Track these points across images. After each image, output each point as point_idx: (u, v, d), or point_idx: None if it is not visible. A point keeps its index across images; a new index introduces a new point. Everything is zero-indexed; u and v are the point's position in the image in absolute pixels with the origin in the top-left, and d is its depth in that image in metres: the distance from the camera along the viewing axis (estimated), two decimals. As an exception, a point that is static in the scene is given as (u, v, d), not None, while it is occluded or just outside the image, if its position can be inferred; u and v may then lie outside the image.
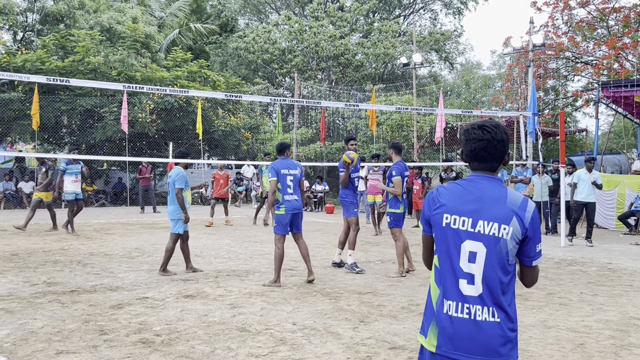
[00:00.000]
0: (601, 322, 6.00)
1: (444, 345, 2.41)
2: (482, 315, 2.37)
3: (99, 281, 7.79)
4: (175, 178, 8.32)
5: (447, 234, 2.48)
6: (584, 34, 24.74)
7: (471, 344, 2.37)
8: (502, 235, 2.39)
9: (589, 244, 12.28)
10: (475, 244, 2.41)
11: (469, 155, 2.56)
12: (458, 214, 2.46)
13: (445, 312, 2.43)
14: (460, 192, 2.52)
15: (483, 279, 2.39)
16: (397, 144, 9.22)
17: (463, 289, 2.41)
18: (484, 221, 2.41)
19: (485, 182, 2.51)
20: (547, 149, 25.58)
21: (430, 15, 42.46)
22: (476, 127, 2.54)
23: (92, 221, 16.17)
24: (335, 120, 30.24)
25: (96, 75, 21.61)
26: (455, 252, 2.44)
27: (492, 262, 2.39)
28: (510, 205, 2.43)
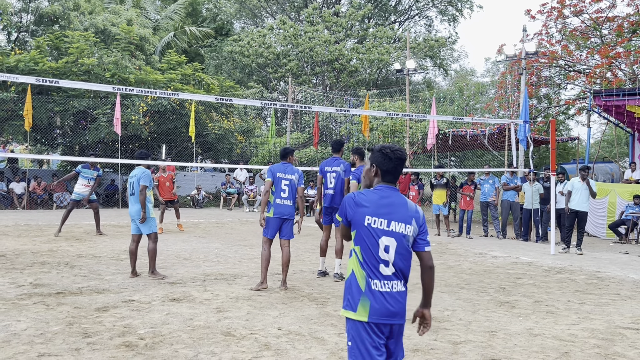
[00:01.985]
0: (587, 330, 6.01)
1: (374, 314, 3.10)
2: (397, 287, 3.18)
3: (85, 283, 7.75)
4: (140, 176, 8.23)
5: (368, 231, 3.17)
6: (578, 42, 24.84)
7: (394, 310, 3.14)
8: (407, 232, 3.20)
9: (579, 252, 12.31)
10: (389, 239, 3.17)
11: (388, 171, 3.28)
12: (377, 216, 3.17)
13: (373, 289, 3.14)
14: (377, 199, 3.21)
15: (394, 263, 3.18)
16: (359, 148, 9.00)
17: (383, 270, 3.16)
18: (395, 222, 3.18)
19: (392, 192, 3.25)
20: (539, 156, 25.65)
21: (425, 21, 42.63)
22: (396, 149, 3.29)
23: (82, 223, 16.09)
24: (329, 125, 30.26)
25: (90, 76, 21.56)
26: (375, 245, 3.16)
27: (400, 251, 3.19)
28: (410, 210, 3.24)
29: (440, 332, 5.79)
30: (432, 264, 3.33)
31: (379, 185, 3.28)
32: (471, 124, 21.06)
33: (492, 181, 15.65)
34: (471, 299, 7.38)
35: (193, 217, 18.80)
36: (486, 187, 15.62)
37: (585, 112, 22.61)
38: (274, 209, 7.62)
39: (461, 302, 7.22)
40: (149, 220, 8.23)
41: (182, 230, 14.80)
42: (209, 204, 25.86)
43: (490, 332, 5.84)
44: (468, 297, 7.53)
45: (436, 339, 5.52)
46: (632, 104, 16.84)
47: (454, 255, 11.80)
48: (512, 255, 11.94)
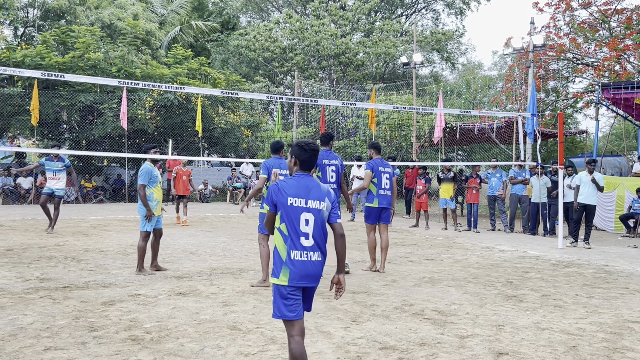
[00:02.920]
0: (595, 324, 5.96)
1: (293, 278, 3.80)
2: (314, 257, 3.86)
3: (92, 277, 7.76)
4: (139, 174, 8.19)
5: (291, 210, 3.85)
6: (586, 35, 24.66)
7: (308, 275, 3.84)
8: (321, 208, 3.90)
9: (587, 246, 12.24)
10: (308, 214, 3.86)
11: (304, 161, 3.99)
12: (297, 197, 3.86)
13: (293, 258, 3.81)
14: (295, 183, 3.92)
15: (313, 235, 3.86)
16: (375, 143, 9.30)
17: (303, 242, 3.83)
18: (311, 200, 3.88)
19: (307, 177, 3.98)
20: (547, 150, 25.52)
21: (432, 15, 42.42)
22: (309, 143, 4.01)
23: (89, 217, 16.14)
24: (335, 119, 30.20)
25: (96, 71, 21.57)
26: (297, 221, 3.84)
27: (318, 225, 3.88)
28: (322, 191, 3.96)
29: (447, 325, 5.76)
30: (342, 232, 4.00)
31: (297, 173, 4.01)
32: (479, 117, 20.96)
33: (500, 175, 15.57)
34: (478, 293, 7.34)
35: (200, 212, 18.83)
36: (493, 180, 15.55)
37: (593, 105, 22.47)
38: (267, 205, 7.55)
39: (468, 295, 7.18)
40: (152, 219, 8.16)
41: (186, 226, 14.79)
42: (215, 199, 25.90)
43: (497, 326, 5.81)
44: (475, 290, 7.49)
45: (443, 333, 5.49)
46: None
47: (461, 249, 11.75)
48: (520, 249, 11.88)
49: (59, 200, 12.97)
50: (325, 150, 8.50)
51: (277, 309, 3.87)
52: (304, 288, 3.90)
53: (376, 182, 8.84)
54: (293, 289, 3.82)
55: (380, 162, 8.98)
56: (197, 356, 4.70)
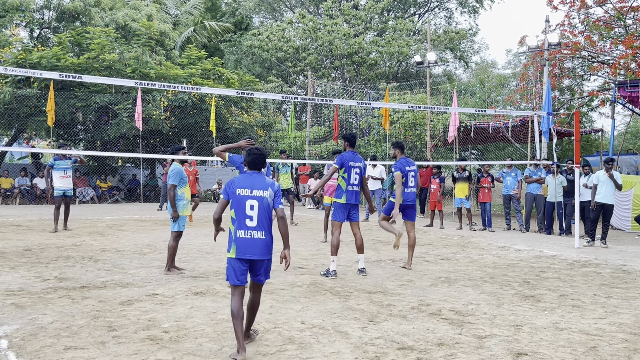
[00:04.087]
0: (614, 324, 5.91)
1: (239, 253, 4.78)
2: (257, 235, 4.80)
3: (109, 277, 7.82)
4: (170, 174, 8.27)
5: (239, 198, 4.84)
6: (601, 33, 24.42)
7: (252, 250, 4.79)
8: (264, 195, 4.86)
9: (604, 245, 12.13)
10: (253, 201, 4.83)
11: (250, 162, 4.99)
12: (243, 188, 4.85)
13: (239, 237, 4.80)
14: (243, 178, 4.92)
15: (257, 218, 4.81)
16: (399, 142, 9.39)
17: (247, 224, 4.80)
18: (255, 190, 4.85)
19: (257, 175, 4.97)
20: (562, 149, 25.32)
21: (446, 13, 42.23)
22: (254, 149, 5.02)
23: (105, 217, 16.25)
24: (348, 118, 30.17)
25: (111, 72, 21.69)
26: (243, 206, 4.82)
27: (261, 209, 4.83)
28: (267, 182, 4.92)
29: (464, 326, 5.74)
30: (283, 215, 4.95)
31: (248, 172, 5.02)
32: (493, 116, 20.85)
33: (515, 174, 15.47)
34: (495, 293, 7.31)
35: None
36: (509, 180, 15.46)
37: (609, 103, 22.26)
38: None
39: (485, 295, 7.15)
40: (179, 219, 8.24)
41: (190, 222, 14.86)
42: (229, 198, 25.95)
43: (515, 326, 5.78)
44: (492, 290, 7.46)
45: (461, 333, 5.48)
46: (657, 95, 16.54)
47: (477, 248, 11.71)
48: (536, 248, 11.81)
49: (70, 199, 13.46)
50: (351, 152, 8.56)
51: (228, 275, 4.87)
52: (251, 261, 4.82)
53: (403, 182, 8.87)
54: (240, 261, 4.79)
55: (406, 162, 8.99)
56: (216, 356, 4.72)
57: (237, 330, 4.66)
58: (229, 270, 4.84)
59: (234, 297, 4.79)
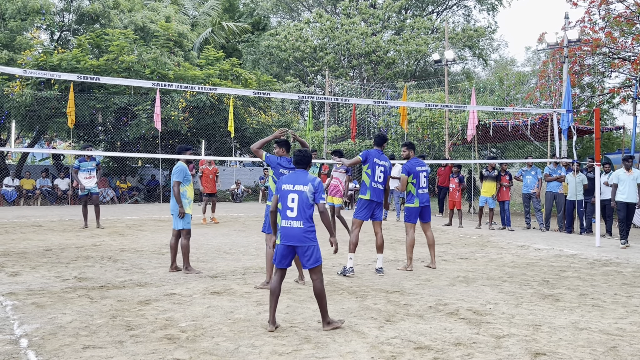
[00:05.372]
0: (636, 324, 5.83)
1: (282, 239, 5.47)
2: (296, 224, 5.43)
3: (128, 277, 7.88)
4: (173, 171, 8.30)
5: (283, 192, 5.51)
6: (622, 29, 24.08)
7: (291, 237, 5.43)
8: (304, 190, 5.46)
9: (626, 245, 11.89)
10: (293, 195, 5.47)
11: (296, 162, 5.73)
12: (288, 183, 5.53)
13: (282, 225, 5.46)
14: (291, 176, 5.62)
15: (297, 209, 5.43)
16: (410, 142, 9.39)
17: (288, 214, 5.45)
18: (297, 185, 5.49)
19: (301, 172, 5.65)
20: (583, 146, 25.04)
21: (464, 11, 41.97)
22: (299, 151, 5.75)
23: (124, 217, 16.39)
24: (366, 117, 30.10)
25: (130, 73, 21.87)
26: (285, 200, 5.48)
27: (301, 202, 5.44)
28: (308, 179, 5.52)
29: (482, 325, 5.70)
30: (323, 209, 5.58)
31: (296, 170, 5.72)
32: (512, 114, 20.67)
33: (535, 172, 15.33)
34: (514, 292, 7.25)
35: (232, 211, 18.96)
36: (528, 178, 15.31)
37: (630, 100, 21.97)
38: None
39: (504, 295, 7.09)
40: (185, 217, 8.26)
41: (216, 223, 14.98)
42: (248, 198, 26.07)
43: (534, 325, 5.72)
44: (511, 290, 7.40)
45: (478, 333, 5.44)
46: (680, 91, 16.27)
47: (496, 247, 11.62)
48: (556, 247, 11.70)
49: (97, 196, 14.00)
50: (378, 150, 8.61)
51: (274, 258, 5.58)
52: (294, 246, 5.46)
53: (415, 182, 8.84)
54: (284, 246, 5.46)
55: (417, 162, 8.96)
56: (232, 355, 4.74)
57: (271, 305, 5.45)
58: (275, 254, 5.59)
59: (275, 276, 5.56)
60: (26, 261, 9.02)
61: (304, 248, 5.44)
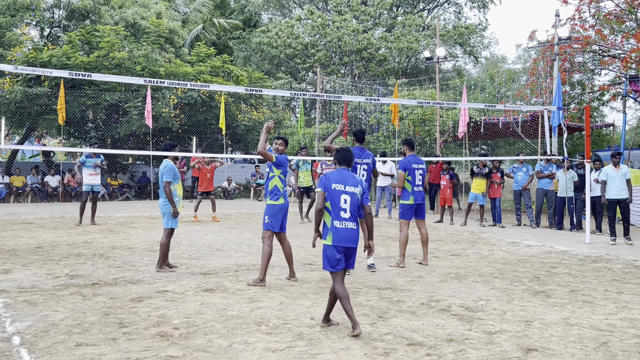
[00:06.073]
0: (626, 320, 5.88)
1: (335, 240, 5.26)
2: (350, 225, 5.31)
3: (120, 274, 7.86)
4: (163, 171, 8.16)
5: (334, 192, 5.34)
6: (612, 26, 24.22)
7: (346, 238, 5.28)
8: (355, 191, 5.37)
9: (629, 242, 11.90)
10: (346, 196, 5.34)
11: (340, 160, 5.59)
12: (337, 183, 5.36)
13: (335, 226, 5.29)
14: (338, 175, 5.43)
15: (350, 210, 5.32)
16: (408, 139, 9.41)
17: (342, 215, 5.30)
18: (348, 186, 5.36)
19: (347, 171, 5.50)
20: (572, 143, 25.16)
21: (455, 9, 42.05)
22: (344, 149, 5.65)
23: (115, 215, 16.33)
24: (358, 114, 30.14)
25: (120, 70, 21.78)
26: (338, 200, 5.33)
27: (353, 203, 5.34)
28: (356, 179, 5.44)
29: (474, 321, 5.73)
30: (370, 211, 5.50)
31: (339, 169, 5.56)
32: (503, 111, 20.75)
33: (526, 169, 15.42)
34: (505, 289, 7.29)
35: (224, 208, 18.93)
36: (519, 175, 15.39)
37: (620, 97, 22.10)
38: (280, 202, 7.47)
39: (495, 291, 7.13)
40: (168, 215, 8.14)
41: (217, 221, 14.97)
42: (239, 195, 26.05)
43: (525, 321, 5.76)
44: (502, 286, 7.44)
45: (471, 329, 5.47)
46: (669, 88, 16.39)
47: (487, 244, 11.68)
48: (546, 244, 11.77)
49: (97, 195, 14.18)
50: (359, 147, 8.59)
51: (327, 263, 5.32)
52: (347, 248, 5.29)
53: (410, 180, 8.88)
54: (336, 248, 5.26)
55: (414, 159, 8.97)
56: (226, 352, 4.74)
57: (347, 310, 5.19)
58: (327, 256, 5.30)
59: (336, 282, 5.29)
60: (17, 258, 8.97)
61: (354, 249, 5.38)
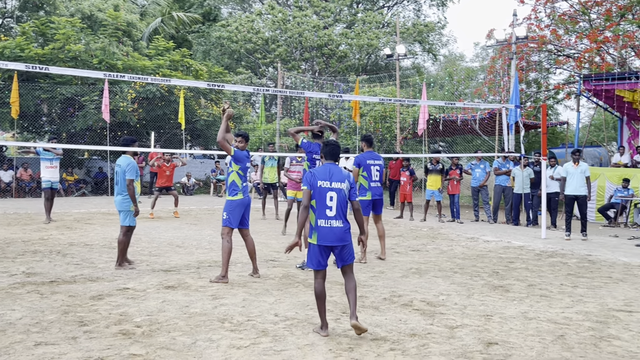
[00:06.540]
0: (581, 313, 6.06)
1: (320, 240, 5.11)
2: (336, 224, 5.11)
3: (79, 272, 7.71)
4: (125, 168, 7.92)
5: (320, 190, 5.14)
6: (566, 27, 24.84)
7: (331, 237, 5.10)
8: (342, 188, 5.18)
9: (584, 238, 12.19)
10: (332, 193, 5.14)
11: (327, 154, 5.35)
12: (323, 180, 5.16)
13: (319, 225, 5.12)
14: (324, 170, 5.23)
15: (336, 208, 5.12)
16: (367, 135, 9.57)
17: (327, 213, 5.11)
18: (334, 182, 5.17)
19: (333, 166, 5.28)
20: (528, 141, 25.71)
21: (414, 6, 42.36)
22: (331, 142, 5.43)
23: (72, 211, 15.99)
24: (319, 110, 30.17)
25: (77, 63, 21.30)
26: (324, 198, 5.13)
27: (340, 200, 5.14)
28: (343, 174, 5.24)
29: (436, 316, 5.81)
30: (358, 207, 5.36)
31: (325, 164, 5.33)
32: (461, 109, 21.06)
33: (484, 166, 15.69)
34: (465, 284, 7.42)
35: (183, 204, 18.73)
36: (477, 171, 15.66)
37: (574, 96, 22.67)
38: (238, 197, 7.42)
39: (455, 286, 7.25)
40: (125, 213, 7.97)
41: (177, 217, 14.80)
42: (198, 191, 25.80)
43: (485, 316, 5.88)
44: (462, 281, 7.57)
45: (432, 324, 5.55)
46: (621, 88, 16.90)
47: (446, 240, 11.85)
48: (504, 239, 12.00)
49: (55, 191, 13.65)
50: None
51: (309, 261, 5.23)
52: (332, 246, 5.14)
53: (366, 176, 9.00)
54: (321, 247, 5.13)
55: (370, 155, 9.07)
56: (190, 349, 4.70)
57: (320, 310, 5.17)
58: (310, 256, 5.22)
59: (316, 280, 5.20)
60: (-30, 256, 8.72)
61: (344, 247, 5.17)
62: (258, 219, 14.52)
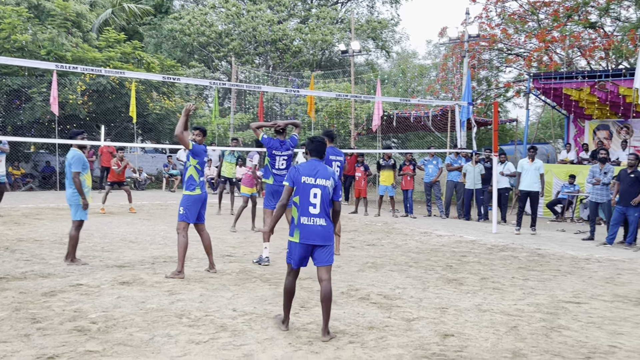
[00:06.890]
0: (532, 305, 6.23)
1: (302, 238, 4.94)
2: (319, 222, 4.95)
3: (29, 268, 7.51)
4: (71, 161, 7.78)
5: (304, 186, 4.99)
6: (516, 26, 25.41)
7: (314, 236, 4.93)
8: (327, 185, 5.01)
9: (533, 232, 12.52)
10: (316, 189, 4.98)
11: (312, 150, 5.20)
12: (308, 176, 5.01)
13: (302, 223, 4.95)
14: (309, 166, 5.07)
15: (320, 205, 4.95)
16: (328, 131, 9.49)
17: (311, 211, 4.95)
18: (319, 179, 5.01)
19: (318, 162, 5.13)
20: (479, 138, 26.22)
21: (368, 3, 42.63)
22: (316, 137, 5.30)
23: (19, 206, 15.52)
24: (273, 105, 30.08)
25: (23, 54, 20.66)
26: (307, 194, 4.97)
27: (324, 198, 4.98)
28: (329, 172, 5.08)
29: (393, 309, 5.90)
30: (339, 208, 5.21)
31: (311, 160, 5.17)
32: (415, 105, 21.32)
33: (436, 162, 15.94)
34: (420, 277, 7.54)
35: (135, 199, 18.37)
36: (430, 167, 15.90)
37: (523, 94, 23.22)
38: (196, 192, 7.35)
39: (411, 280, 7.36)
40: (76, 207, 7.82)
41: (133, 212, 14.53)
42: (150, 186, 25.40)
43: (441, 308, 5.99)
44: (417, 275, 7.69)
45: (390, 317, 5.63)
46: (568, 87, 17.39)
47: (401, 234, 12.00)
48: (456, 234, 12.23)
49: (4, 185, 13.17)
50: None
51: (289, 257, 5.08)
52: (314, 246, 4.97)
53: None
54: (302, 246, 4.96)
55: (332, 151, 9.04)
56: (148, 345, 4.65)
57: (285, 306, 5.14)
58: (290, 253, 5.05)
59: (289, 277, 5.12)
60: None
61: (325, 247, 4.99)
62: (213, 214, 14.40)
